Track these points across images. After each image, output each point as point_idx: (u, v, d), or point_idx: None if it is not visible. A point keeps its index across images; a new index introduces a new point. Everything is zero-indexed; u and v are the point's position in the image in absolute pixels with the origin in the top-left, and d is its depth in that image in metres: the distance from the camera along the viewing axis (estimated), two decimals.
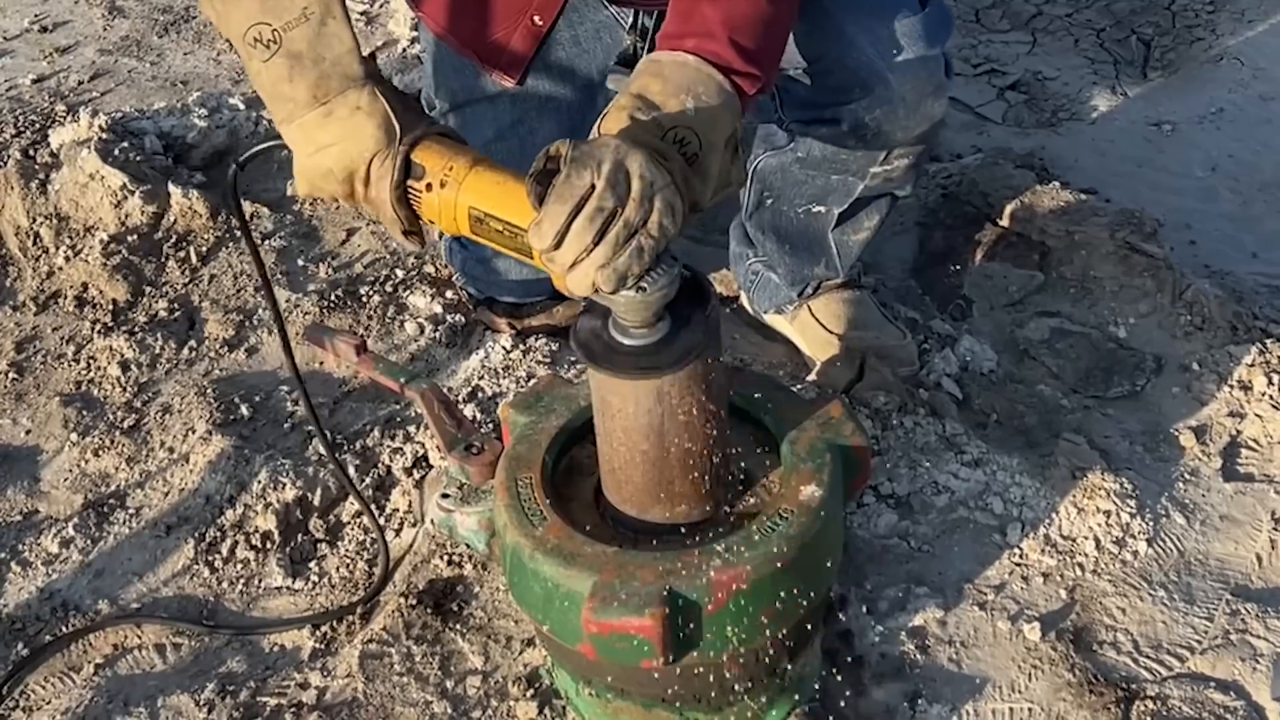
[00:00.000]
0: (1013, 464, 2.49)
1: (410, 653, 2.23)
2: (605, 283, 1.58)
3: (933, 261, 3.16)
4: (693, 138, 1.70)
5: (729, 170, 1.76)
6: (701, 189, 1.71)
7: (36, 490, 2.61)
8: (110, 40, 4.16)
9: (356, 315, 2.93)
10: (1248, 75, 4.04)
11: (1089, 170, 3.58)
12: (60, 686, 2.26)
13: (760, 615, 1.79)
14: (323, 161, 1.79)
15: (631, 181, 1.57)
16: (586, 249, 1.56)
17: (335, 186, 1.81)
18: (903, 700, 2.13)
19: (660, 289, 1.62)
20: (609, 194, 1.55)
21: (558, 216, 1.56)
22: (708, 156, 1.71)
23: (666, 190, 1.59)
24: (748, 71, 1.80)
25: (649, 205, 1.57)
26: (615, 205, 1.56)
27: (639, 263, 1.58)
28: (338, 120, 1.77)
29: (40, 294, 3.07)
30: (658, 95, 1.73)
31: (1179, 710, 2.10)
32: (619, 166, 1.56)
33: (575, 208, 1.55)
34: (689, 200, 1.68)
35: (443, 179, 1.74)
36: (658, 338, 1.69)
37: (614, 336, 1.70)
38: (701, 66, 1.76)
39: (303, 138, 1.80)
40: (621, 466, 1.84)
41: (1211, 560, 2.37)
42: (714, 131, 1.73)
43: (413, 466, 2.55)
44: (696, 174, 1.70)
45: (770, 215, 2.66)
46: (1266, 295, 3.05)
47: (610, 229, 1.56)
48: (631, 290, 1.61)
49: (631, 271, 1.58)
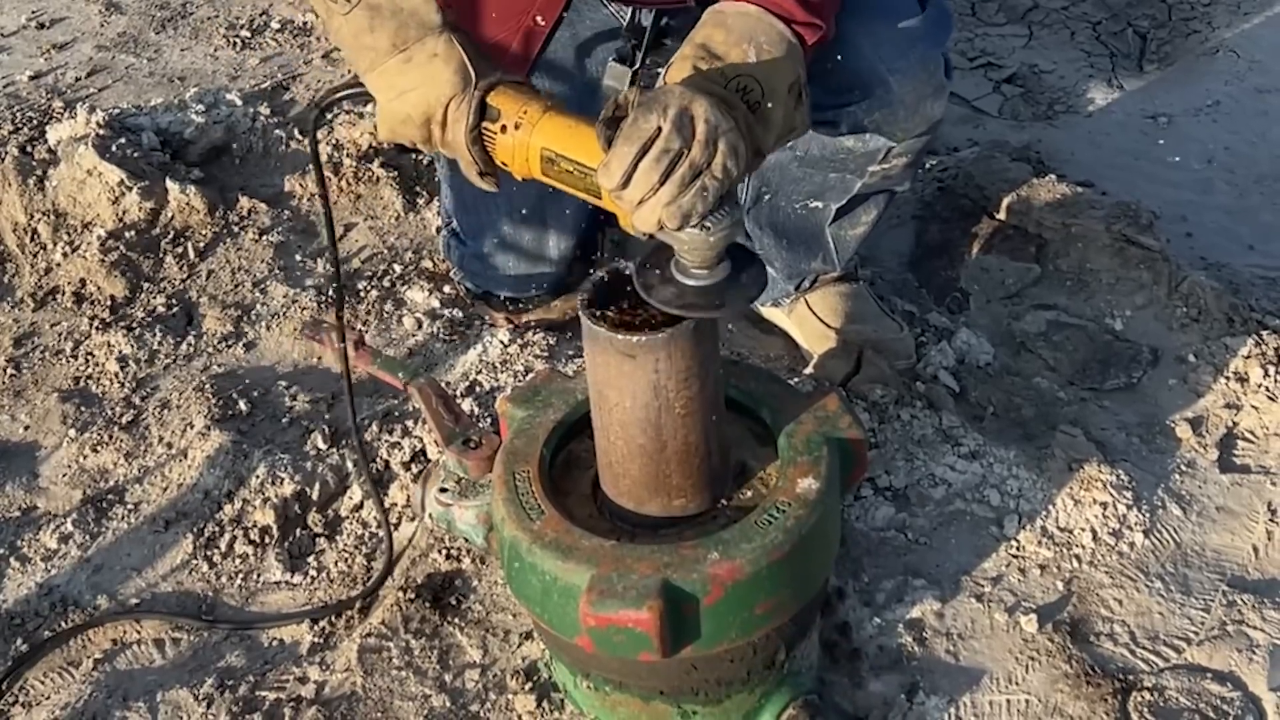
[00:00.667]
0: (1009, 456, 2.49)
1: (409, 647, 2.23)
2: (670, 220, 1.63)
3: (929, 254, 3.17)
4: (755, 86, 1.75)
5: (793, 116, 1.81)
6: (764, 135, 1.76)
7: (35, 486, 2.61)
8: (107, 36, 4.15)
9: (354, 310, 2.94)
10: (1244, 68, 4.04)
11: (1085, 163, 3.58)
12: (59, 682, 2.26)
13: (757, 608, 1.80)
14: (402, 106, 1.87)
15: (696, 125, 1.61)
16: (653, 188, 1.62)
17: (414, 131, 1.89)
18: (900, 692, 2.13)
19: (724, 229, 1.66)
20: (675, 136, 1.60)
21: (625, 157, 1.61)
22: (770, 104, 1.76)
23: (731, 134, 1.63)
24: (809, 21, 1.85)
25: (713, 148, 1.62)
26: (681, 147, 1.61)
27: (703, 202, 1.62)
28: (417, 66, 1.86)
29: (38, 290, 3.07)
30: (721, 45, 1.78)
31: (1176, 701, 2.11)
32: (684, 111, 1.61)
33: (642, 149, 1.61)
34: (752, 146, 1.72)
35: (517, 121, 1.80)
36: (720, 279, 1.71)
37: (676, 276, 1.73)
38: (764, 16, 1.81)
39: (384, 84, 1.88)
40: (619, 460, 1.85)
41: (1208, 551, 2.37)
42: (776, 79, 1.77)
43: (410, 461, 2.55)
44: (759, 121, 1.74)
45: (767, 210, 2.66)
46: (1263, 287, 3.06)
47: (676, 169, 1.61)
48: (696, 229, 1.65)
49: (696, 210, 1.62)
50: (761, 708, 1.98)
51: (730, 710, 1.97)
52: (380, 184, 3.29)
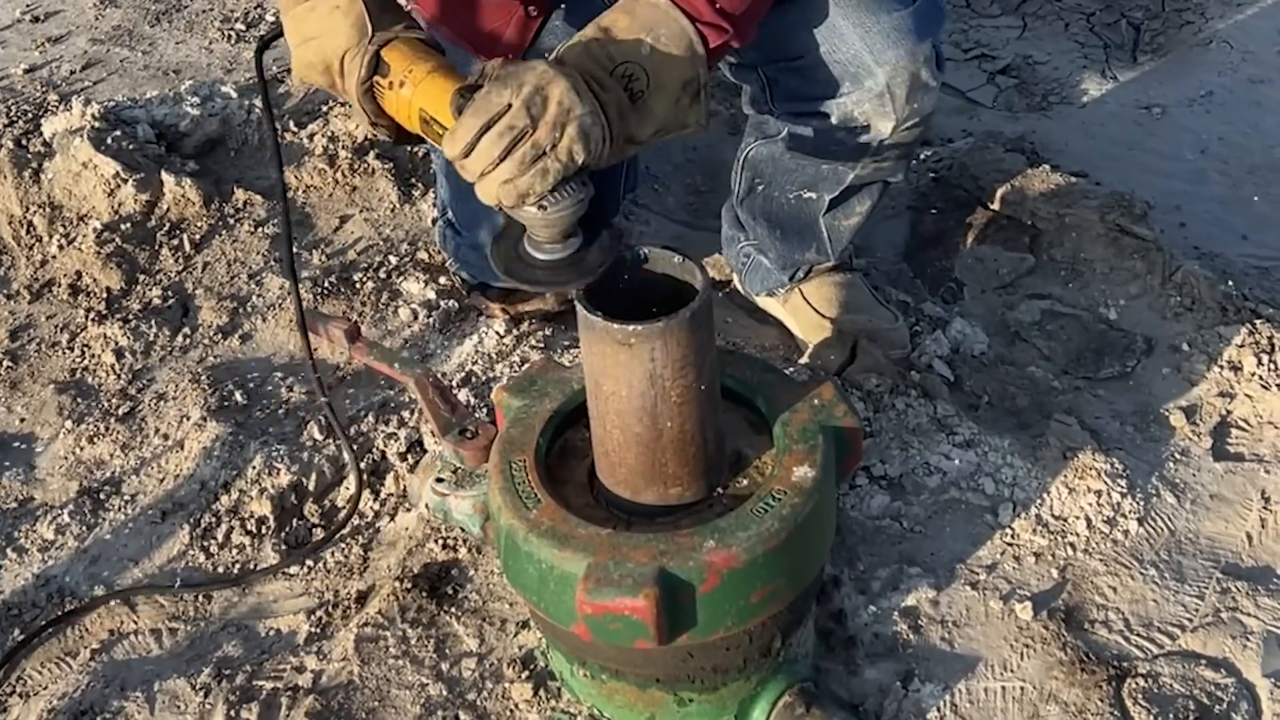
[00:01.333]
0: (1004, 445, 2.50)
1: (406, 636, 2.23)
2: (506, 197, 1.67)
3: (924, 245, 3.17)
4: (641, 75, 1.78)
5: (685, 113, 1.82)
6: (639, 126, 1.78)
7: (32, 477, 2.62)
8: (102, 30, 4.16)
9: (350, 301, 2.94)
10: (1237, 58, 4.05)
11: (1079, 154, 3.58)
12: (56, 672, 2.26)
13: (753, 595, 1.80)
14: (305, 53, 1.92)
15: (548, 105, 1.65)
16: (493, 162, 1.66)
17: (317, 76, 1.93)
18: (896, 679, 2.14)
19: (561, 210, 1.70)
20: (523, 113, 1.64)
21: (469, 130, 1.66)
22: (653, 96, 1.78)
23: (585, 119, 1.66)
24: (714, 22, 1.85)
25: (560, 131, 1.65)
26: (526, 126, 1.64)
27: (541, 183, 1.66)
28: (319, 16, 1.90)
29: (34, 282, 3.07)
30: (620, 30, 1.80)
31: (1170, 688, 2.11)
32: (538, 90, 1.65)
33: (487, 123, 1.64)
34: (623, 133, 1.76)
35: (403, 79, 1.84)
36: (567, 254, 1.75)
37: (528, 250, 1.77)
38: (670, 10, 1.82)
39: (293, 28, 1.94)
40: (615, 449, 1.86)
41: (1202, 539, 2.38)
42: (665, 73, 1.79)
43: (407, 451, 2.56)
44: (637, 111, 1.77)
45: (761, 201, 2.66)
46: (1256, 276, 3.07)
47: (518, 148, 1.64)
48: (534, 207, 1.69)
49: (533, 189, 1.67)
50: (757, 695, 1.99)
51: (726, 698, 1.97)
52: (376, 176, 3.30)
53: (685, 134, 1.85)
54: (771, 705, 1.98)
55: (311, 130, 3.44)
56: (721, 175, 3.32)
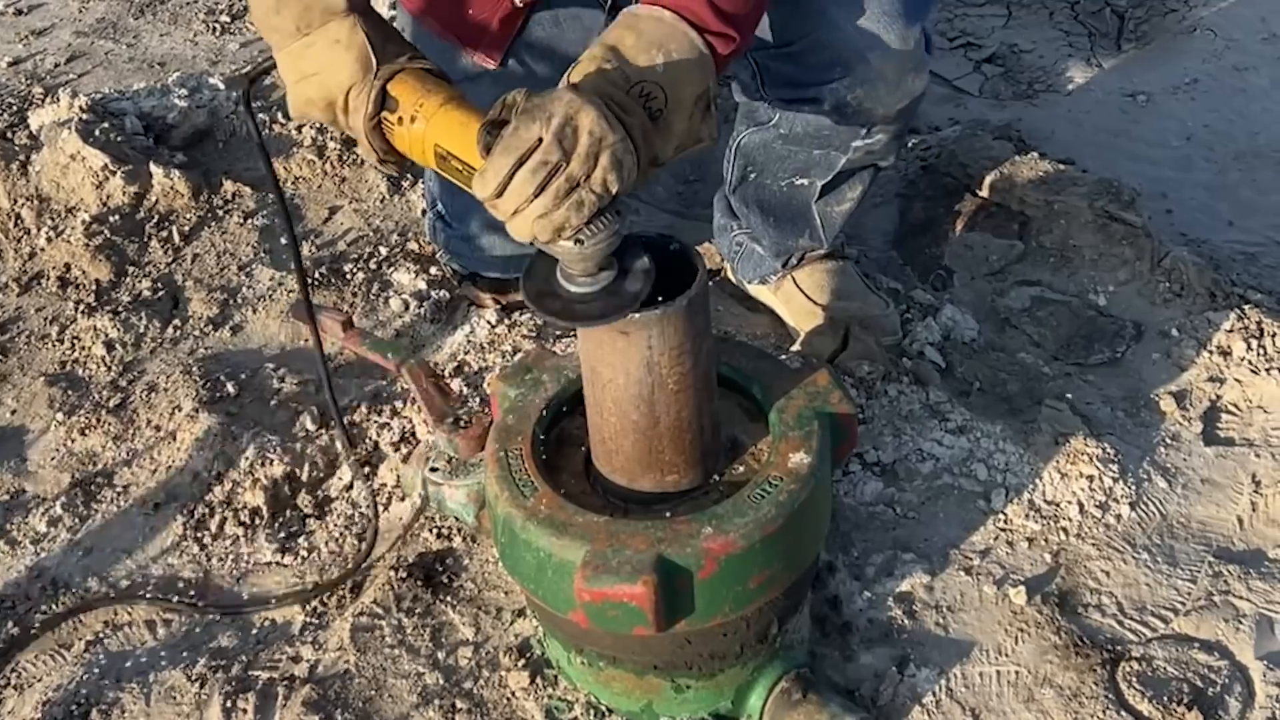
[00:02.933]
0: (996, 431, 2.51)
1: (401, 625, 2.24)
2: (542, 233, 1.63)
3: (913, 232, 3.18)
4: (659, 93, 1.72)
5: (699, 128, 1.78)
6: (663, 145, 1.74)
7: (23, 470, 2.61)
8: (86, 22, 4.15)
9: (341, 292, 2.94)
10: (1221, 46, 4.07)
11: (1066, 141, 3.60)
12: (51, 664, 2.26)
13: (751, 581, 1.81)
14: (305, 90, 1.87)
15: (579, 136, 1.60)
16: (527, 199, 1.60)
17: (318, 113, 1.89)
18: (891, 664, 2.15)
19: (598, 242, 1.65)
20: (555, 148, 1.59)
21: (501, 168, 1.61)
22: (672, 113, 1.74)
23: (617, 147, 1.62)
24: (722, 31, 1.81)
25: (594, 161, 1.61)
26: (560, 159, 1.59)
27: (577, 215, 1.62)
28: (319, 51, 1.85)
29: (23, 275, 3.06)
30: (630, 49, 1.74)
31: (1164, 671, 2.12)
32: (568, 121, 1.60)
33: (519, 160, 1.60)
34: (648, 155, 1.71)
35: (413, 114, 1.79)
36: (601, 286, 1.70)
37: (560, 282, 1.73)
38: (677, 24, 1.77)
39: (290, 65, 1.89)
40: (612, 436, 1.86)
41: (1194, 523, 2.39)
42: (681, 88, 1.75)
43: (400, 441, 2.56)
44: (659, 130, 1.72)
45: (753, 189, 2.67)
46: (1243, 262, 3.08)
47: (552, 182, 1.60)
48: (569, 241, 1.64)
49: (570, 223, 1.62)
50: (754, 681, 1.99)
51: (723, 684, 1.98)
52: (364, 167, 3.30)
53: (699, 148, 1.81)
54: (768, 691, 1.99)
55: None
56: (710, 165, 3.32)
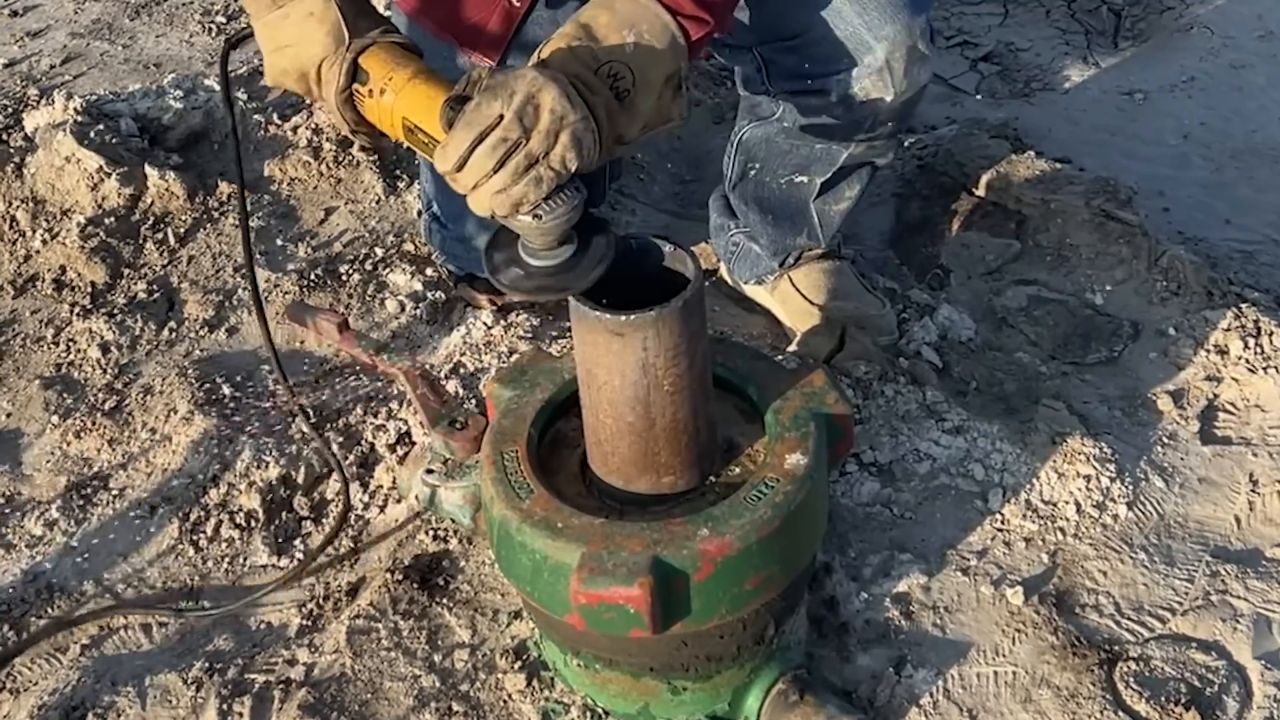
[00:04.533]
0: (993, 430, 2.50)
1: (398, 627, 2.23)
2: (500, 207, 1.66)
3: (910, 232, 3.18)
4: (627, 73, 1.75)
5: (668, 107, 1.81)
6: (628, 125, 1.77)
7: (19, 473, 2.61)
8: (81, 24, 4.14)
9: (337, 294, 2.94)
10: (1218, 44, 4.07)
11: (1062, 140, 3.60)
12: (47, 668, 2.25)
13: (747, 583, 1.81)
14: (280, 61, 1.91)
15: (540, 114, 1.63)
16: (486, 175, 1.64)
17: (292, 83, 1.92)
18: (888, 665, 2.14)
19: (556, 218, 1.68)
20: (515, 125, 1.62)
21: (461, 143, 1.64)
22: (639, 93, 1.76)
23: (577, 125, 1.65)
24: (696, 15, 1.83)
25: (553, 139, 1.64)
26: (520, 136, 1.62)
27: (535, 191, 1.64)
28: (293, 24, 1.89)
29: (18, 277, 3.06)
30: (602, 28, 1.77)
31: (1161, 671, 2.12)
32: (530, 99, 1.63)
33: (480, 136, 1.63)
34: (612, 134, 1.74)
35: (383, 87, 1.82)
36: (561, 260, 1.73)
37: (522, 257, 1.75)
38: (651, 4, 1.80)
39: (266, 35, 1.92)
40: (608, 438, 1.86)
41: (1191, 523, 2.39)
42: (650, 69, 1.77)
43: (396, 443, 2.56)
44: (625, 110, 1.75)
45: (753, 186, 2.67)
46: (1240, 261, 3.08)
47: (511, 159, 1.63)
48: (528, 216, 1.67)
49: (527, 199, 1.65)
50: (751, 683, 1.99)
51: (720, 685, 1.98)
52: (360, 168, 3.29)
53: (668, 128, 1.84)
54: (765, 693, 1.99)
55: (295, 123, 3.43)
56: (706, 165, 3.33)
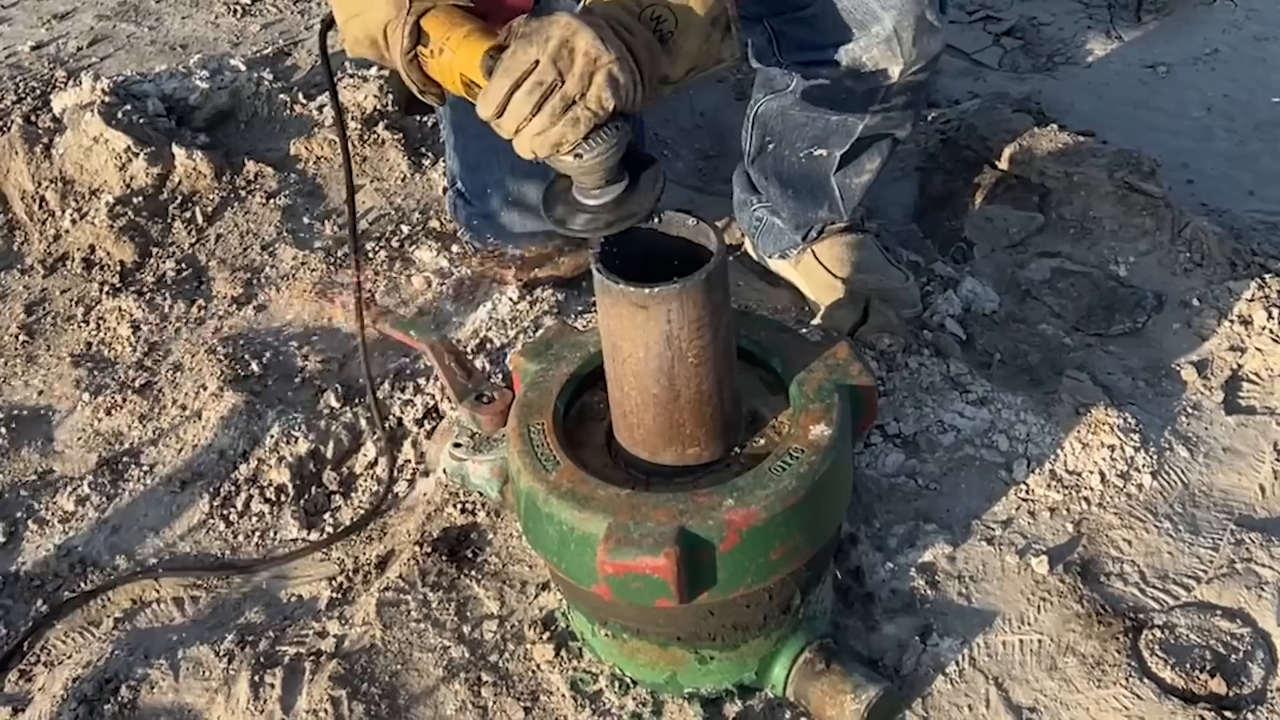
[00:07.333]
0: (1017, 402, 2.51)
1: (427, 599, 2.25)
2: (540, 149, 1.70)
3: (933, 206, 3.18)
4: (669, 15, 1.79)
5: (718, 48, 1.84)
6: (670, 65, 1.80)
7: (50, 450, 2.63)
8: (108, 6, 4.16)
9: (363, 271, 2.95)
10: (1241, 16, 4.06)
11: (1086, 113, 3.59)
12: (80, 641, 2.28)
13: (773, 553, 1.82)
14: (352, 29, 1.94)
15: (575, 57, 1.66)
16: (525, 118, 1.68)
17: (366, 50, 1.95)
18: (914, 634, 2.16)
19: (596, 155, 1.71)
20: (550, 68, 1.66)
21: (499, 90, 1.68)
22: (683, 34, 1.79)
23: (613, 66, 1.67)
24: None
25: (588, 80, 1.67)
26: (555, 79, 1.66)
27: (574, 131, 1.68)
28: None
29: (48, 257, 3.08)
30: None
31: (1186, 639, 2.13)
32: (564, 43, 1.66)
33: (517, 81, 1.67)
34: (655, 74, 1.77)
35: (442, 46, 1.85)
36: (612, 197, 1.76)
37: (576, 197, 1.78)
38: None
39: (339, 6, 1.97)
40: (633, 410, 1.87)
41: (1215, 491, 2.39)
42: (693, 11, 1.80)
43: (424, 418, 2.57)
44: (668, 51, 1.79)
45: (772, 160, 2.68)
46: (1264, 232, 3.07)
47: (548, 101, 1.66)
48: (569, 156, 1.70)
49: (566, 139, 1.68)
50: (778, 652, 2.00)
51: (747, 655, 1.99)
52: (386, 146, 3.31)
53: (721, 68, 1.87)
54: (791, 661, 2.00)
55: (321, 101, 3.45)
56: (729, 140, 3.33)
